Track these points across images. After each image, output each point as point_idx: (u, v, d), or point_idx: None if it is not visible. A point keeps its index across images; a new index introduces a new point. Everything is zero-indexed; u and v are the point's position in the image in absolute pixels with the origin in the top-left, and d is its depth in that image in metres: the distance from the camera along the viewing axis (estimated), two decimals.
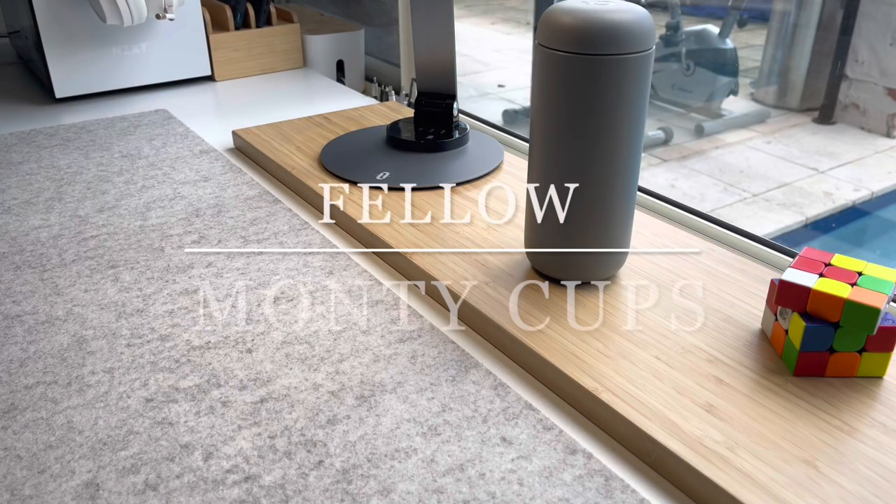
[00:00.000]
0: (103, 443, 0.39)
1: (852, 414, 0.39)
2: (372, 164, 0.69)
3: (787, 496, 0.34)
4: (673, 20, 1.99)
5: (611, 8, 0.44)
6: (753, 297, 0.50)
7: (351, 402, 0.42)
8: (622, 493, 0.36)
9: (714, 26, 1.99)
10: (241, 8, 1.05)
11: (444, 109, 0.74)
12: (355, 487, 0.37)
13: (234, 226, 0.62)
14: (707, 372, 0.42)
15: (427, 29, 0.70)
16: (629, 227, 0.50)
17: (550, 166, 0.48)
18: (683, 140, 1.93)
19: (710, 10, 2.15)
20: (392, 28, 1.18)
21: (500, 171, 0.70)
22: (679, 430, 0.38)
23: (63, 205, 0.66)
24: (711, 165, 1.83)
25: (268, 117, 0.90)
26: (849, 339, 0.41)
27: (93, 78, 0.95)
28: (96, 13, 0.88)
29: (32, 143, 0.81)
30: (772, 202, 1.66)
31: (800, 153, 1.80)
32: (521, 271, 0.53)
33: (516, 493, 0.36)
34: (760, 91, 1.99)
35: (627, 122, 0.46)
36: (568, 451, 0.39)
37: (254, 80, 1.06)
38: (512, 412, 0.41)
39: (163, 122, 0.88)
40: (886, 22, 1.59)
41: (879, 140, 1.73)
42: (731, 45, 1.96)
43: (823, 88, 1.79)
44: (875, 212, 1.64)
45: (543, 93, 0.47)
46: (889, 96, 1.65)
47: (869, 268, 0.43)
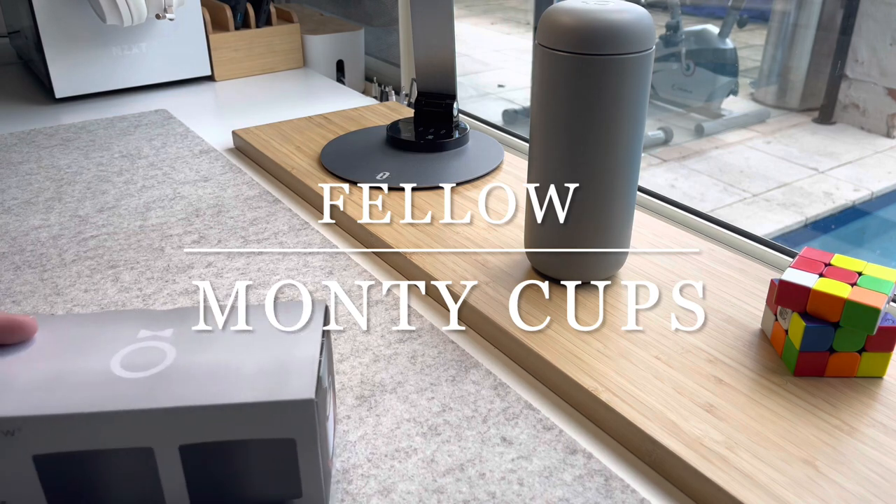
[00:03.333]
0: None
1: (852, 414, 0.39)
2: (372, 164, 0.69)
3: (787, 496, 0.34)
4: (673, 20, 1.99)
5: (611, 8, 0.44)
6: (753, 297, 0.50)
7: (351, 402, 0.42)
8: (622, 493, 0.36)
9: (714, 26, 1.99)
10: (241, 8, 1.05)
11: (444, 109, 0.74)
12: (355, 487, 0.37)
13: (234, 226, 0.62)
14: (707, 372, 0.42)
15: (427, 29, 0.70)
16: (629, 227, 0.50)
17: (550, 166, 0.48)
18: (683, 140, 1.93)
19: (709, 10, 2.15)
20: (392, 28, 1.18)
21: (500, 171, 0.70)
22: (679, 430, 0.38)
23: (63, 205, 0.66)
24: (711, 165, 1.83)
25: (268, 117, 0.90)
26: (849, 339, 0.41)
27: (93, 78, 0.95)
28: (96, 13, 0.88)
29: (32, 143, 0.81)
30: (772, 202, 1.66)
31: (800, 153, 1.80)
32: (521, 271, 0.53)
33: (516, 493, 0.36)
34: (760, 91, 1.99)
35: (627, 122, 0.46)
36: (568, 451, 0.39)
37: (254, 80, 1.06)
38: (512, 412, 0.41)
39: (163, 122, 0.88)
40: (886, 22, 1.59)
41: (879, 140, 1.73)
42: (731, 45, 1.96)
43: (823, 88, 1.79)
44: (875, 212, 1.64)
45: (543, 93, 0.47)
46: (889, 96, 1.65)
47: (869, 268, 0.43)
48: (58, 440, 0.31)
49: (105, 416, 0.31)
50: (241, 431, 0.32)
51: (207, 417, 0.31)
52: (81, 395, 0.31)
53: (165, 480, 0.33)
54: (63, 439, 0.31)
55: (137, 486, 0.33)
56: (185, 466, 0.32)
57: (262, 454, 0.32)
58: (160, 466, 0.32)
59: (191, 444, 0.32)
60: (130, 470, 0.32)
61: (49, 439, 0.31)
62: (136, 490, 0.33)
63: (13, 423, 0.31)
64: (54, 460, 0.32)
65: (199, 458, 0.32)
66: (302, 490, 0.33)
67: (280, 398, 0.31)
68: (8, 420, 0.30)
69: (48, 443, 0.31)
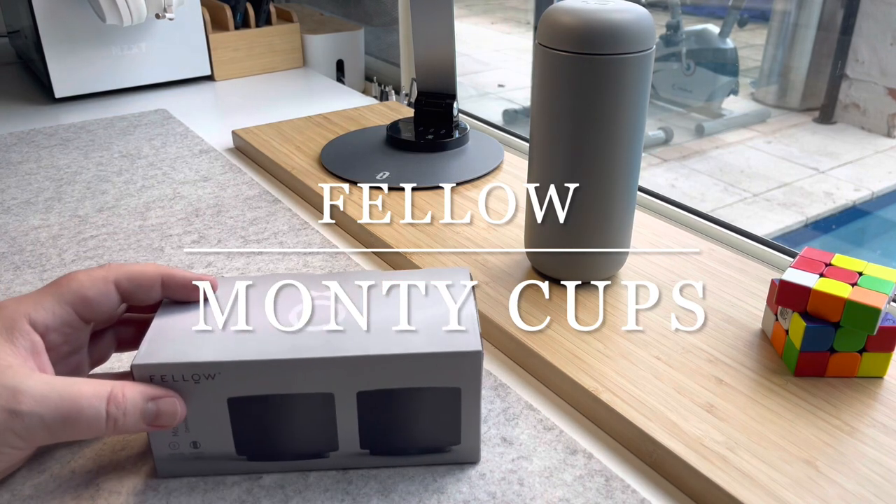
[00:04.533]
0: (103, 443, 0.39)
1: (853, 414, 0.39)
2: (372, 164, 0.69)
3: (788, 496, 0.34)
4: (673, 20, 1.99)
5: (611, 7, 0.44)
6: (754, 297, 0.49)
7: None
8: (622, 494, 0.36)
9: (714, 26, 1.99)
10: (241, 7, 1.05)
11: (444, 109, 0.74)
12: (355, 487, 0.37)
13: (234, 226, 0.62)
14: (707, 372, 0.42)
15: (427, 28, 0.70)
16: (629, 227, 0.50)
17: (550, 166, 0.48)
18: (684, 140, 1.93)
19: (710, 10, 2.15)
20: (392, 28, 1.18)
21: (500, 171, 0.70)
22: (679, 431, 0.38)
23: (62, 205, 0.66)
24: (712, 165, 1.83)
25: (268, 117, 0.90)
26: (849, 339, 0.41)
27: (92, 77, 0.95)
28: (96, 13, 0.88)
29: (32, 142, 0.81)
30: (772, 202, 1.66)
31: (800, 153, 1.80)
32: (521, 271, 0.53)
33: (517, 494, 0.36)
34: (761, 91, 1.99)
35: (628, 121, 0.45)
36: (568, 452, 0.39)
37: (254, 79, 1.06)
38: (512, 412, 0.41)
39: (162, 121, 0.88)
40: (887, 21, 1.59)
41: (880, 140, 1.73)
42: (731, 44, 1.96)
43: (824, 88, 1.79)
44: (875, 211, 1.64)
45: (543, 93, 0.46)
46: (889, 96, 1.64)
47: (869, 268, 0.43)
48: (251, 384, 0.35)
49: (295, 363, 0.35)
50: (414, 380, 0.35)
51: (386, 366, 0.35)
52: (272, 345, 0.35)
53: (341, 424, 0.36)
54: (256, 383, 0.35)
55: (315, 430, 0.36)
56: (359, 411, 0.36)
57: (429, 402, 0.36)
58: (338, 411, 0.36)
59: (368, 391, 0.35)
60: (311, 414, 0.36)
61: (243, 383, 0.35)
62: (313, 433, 0.36)
63: (215, 367, 0.35)
64: (246, 402, 0.35)
65: (373, 404, 0.36)
66: (461, 438, 0.37)
67: (452, 349, 0.35)
68: (210, 365, 0.35)
69: (242, 386, 0.35)
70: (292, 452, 0.37)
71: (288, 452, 0.37)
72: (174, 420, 0.34)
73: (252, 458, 0.37)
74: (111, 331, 0.41)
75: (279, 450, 0.37)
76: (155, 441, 0.36)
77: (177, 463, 0.37)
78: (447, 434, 0.37)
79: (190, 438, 0.36)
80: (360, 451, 0.37)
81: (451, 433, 0.37)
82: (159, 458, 0.37)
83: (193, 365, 0.34)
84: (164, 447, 0.36)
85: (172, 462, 0.37)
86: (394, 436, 0.37)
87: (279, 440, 0.37)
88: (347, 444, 0.37)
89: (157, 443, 0.36)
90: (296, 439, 0.37)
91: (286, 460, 0.37)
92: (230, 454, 0.37)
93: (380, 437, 0.37)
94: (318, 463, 0.37)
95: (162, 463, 0.37)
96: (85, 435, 0.33)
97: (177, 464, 0.37)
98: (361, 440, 0.37)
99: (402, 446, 0.37)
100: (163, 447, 0.36)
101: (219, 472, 0.37)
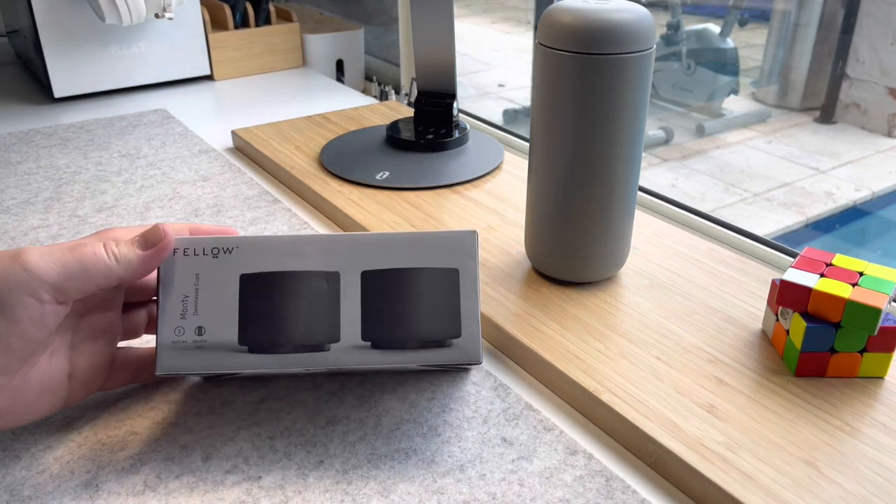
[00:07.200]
0: (102, 443, 0.39)
1: (853, 414, 0.39)
2: (372, 164, 0.69)
3: (788, 497, 0.34)
4: (673, 19, 1.99)
5: (611, 7, 0.44)
6: (754, 297, 0.49)
7: (351, 403, 0.42)
8: (623, 494, 0.36)
9: (715, 25, 1.99)
10: (241, 7, 1.05)
11: (444, 109, 0.74)
12: (355, 488, 0.36)
13: (234, 225, 0.62)
14: (708, 372, 0.42)
15: (427, 28, 0.70)
16: (629, 226, 0.50)
17: (551, 166, 0.48)
18: (684, 140, 1.93)
19: (710, 10, 2.15)
20: (392, 27, 1.18)
21: (500, 170, 0.70)
22: (679, 431, 0.38)
23: (62, 205, 0.66)
24: (712, 165, 1.83)
25: (267, 117, 0.90)
26: (850, 339, 0.41)
27: (91, 77, 0.95)
28: (95, 12, 0.88)
29: (31, 142, 0.81)
30: (773, 202, 1.66)
31: (801, 153, 1.80)
32: (521, 271, 0.53)
33: (517, 494, 0.36)
34: (761, 90, 1.99)
35: (628, 121, 0.45)
36: (568, 452, 0.39)
37: (253, 79, 1.06)
38: (512, 413, 0.41)
39: (162, 121, 0.87)
40: (887, 21, 1.59)
41: (880, 140, 1.73)
42: (731, 44, 1.96)
43: (824, 88, 1.79)
44: (876, 211, 1.64)
45: (544, 92, 0.46)
46: (890, 96, 1.65)
47: (870, 268, 0.43)
48: (265, 260, 0.38)
49: (306, 240, 0.39)
50: (415, 259, 0.38)
51: (388, 245, 0.39)
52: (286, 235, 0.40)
53: (345, 311, 0.38)
54: (269, 259, 0.38)
55: (319, 316, 0.38)
56: (363, 293, 0.38)
57: (429, 285, 0.38)
58: (343, 291, 0.38)
59: (371, 271, 0.38)
60: (317, 297, 0.38)
61: (258, 259, 0.38)
62: (316, 315, 0.38)
63: (232, 242, 0.38)
64: (257, 280, 0.38)
65: (376, 285, 0.38)
66: (461, 331, 0.38)
67: (448, 231, 0.39)
68: (229, 240, 0.38)
69: (256, 262, 0.38)
70: (294, 343, 0.38)
71: (289, 342, 0.38)
72: (162, 237, 0.37)
73: (253, 349, 0.38)
74: (146, 309, 0.43)
75: (281, 339, 0.38)
76: (162, 325, 0.38)
77: (178, 355, 0.38)
78: (447, 325, 0.38)
79: (197, 322, 0.38)
80: (361, 344, 0.38)
81: (451, 324, 0.38)
82: (162, 346, 0.38)
83: (213, 240, 0.38)
84: (169, 333, 0.38)
85: (174, 354, 0.38)
86: (395, 325, 0.38)
87: (283, 326, 0.38)
88: (349, 335, 0.38)
89: (164, 327, 0.38)
90: (299, 326, 0.38)
91: (286, 352, 0.38)
92: (232, 344, 0.38)
93: (382, 326, 0.38)
94: (317, 358, 0.38)
95: (164, 353, 0.38)
96: (95, 271, 0.35)
97: (178, 356, 0.38)
98: (363, 330, 0.38)
99: (403, 337, 0.38)
100: (168, 332, 0.38)
101: (217, 367, 0.38)
